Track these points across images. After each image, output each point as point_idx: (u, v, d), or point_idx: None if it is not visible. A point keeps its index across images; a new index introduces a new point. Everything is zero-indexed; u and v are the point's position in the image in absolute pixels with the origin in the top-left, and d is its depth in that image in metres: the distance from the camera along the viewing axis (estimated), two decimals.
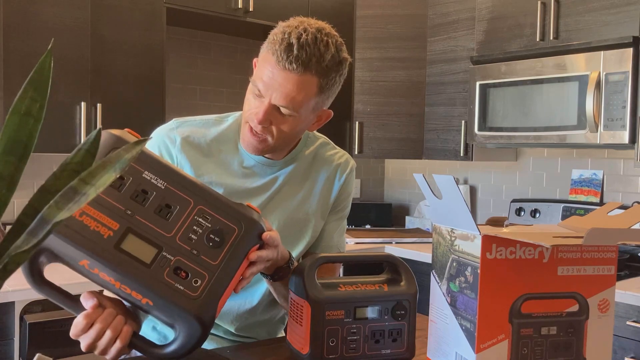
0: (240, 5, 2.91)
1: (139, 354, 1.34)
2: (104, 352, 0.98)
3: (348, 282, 1.11)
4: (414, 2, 3.41)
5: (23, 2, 2.37)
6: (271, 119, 1.19)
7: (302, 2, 3.18)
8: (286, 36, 1.16)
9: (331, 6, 3.31)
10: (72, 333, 0.99)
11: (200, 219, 0.94)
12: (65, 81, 2.44)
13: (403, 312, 1.11)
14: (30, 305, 2.14)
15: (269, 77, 1.17)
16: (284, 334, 1.41)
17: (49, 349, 2.14)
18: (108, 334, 0.96)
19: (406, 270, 1.14)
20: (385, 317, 1.10)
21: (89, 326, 0.96)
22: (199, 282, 0.91)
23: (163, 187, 0.94)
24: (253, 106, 1.21)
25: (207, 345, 1.29)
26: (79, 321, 0.97)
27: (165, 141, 1.28)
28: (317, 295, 1.06)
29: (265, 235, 1.02)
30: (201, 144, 1.29)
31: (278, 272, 1.17)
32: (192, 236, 0.93)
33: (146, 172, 0.94)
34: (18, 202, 2.53)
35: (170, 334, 1.33)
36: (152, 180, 0.93)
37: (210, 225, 0.94)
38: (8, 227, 0.80)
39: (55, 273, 1.00)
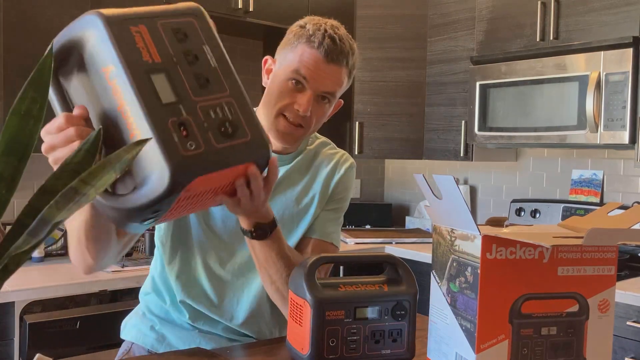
0: (240, 5, 2.91)
1: (138, 353, 1.34)
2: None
3: (348, 282, 1.11)
4: (414, 2, 3.41)
5: (23, 2, 2.37)
6: (311, 109, 1.27)
7: (302, 2, 3.18)
8: (325, 31, 1.26)
9: (331, 6, 3.30)
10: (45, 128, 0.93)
11: (225, 108, 0.93)
12: None
13: (403, 312, 1.11)
14: (30, 305, 2.14)
15: (315, 68, 1.24)
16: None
17: (48, 349, 2.14)
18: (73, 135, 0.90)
19: (406, 271, 1.14)
20: (386, 317, 1.09)
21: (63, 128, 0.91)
22: (194, 146, 0.87)
23: (212, 66, 0.95)
24: (289, 97, 1.26)
25: (207, 345, 1.29)
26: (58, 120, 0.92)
27: None
28: (317, 295, 1.05)
29: (273, 159, 1.02)
30: None
31: (258, 229, 1.16)
32: (211, 113, 0.91)
33: (206, 47, 0.95)
34: (18, 202, 2.53)
35: (168, 333, 1.33)
36: (207, 55, 0.95)
37: (230, 118, 0.93)
38: (8, 227, 0.80)
39: (55, 274, 1.00)
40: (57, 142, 0.91)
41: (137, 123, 0.85)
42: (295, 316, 1.10)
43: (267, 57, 1.34)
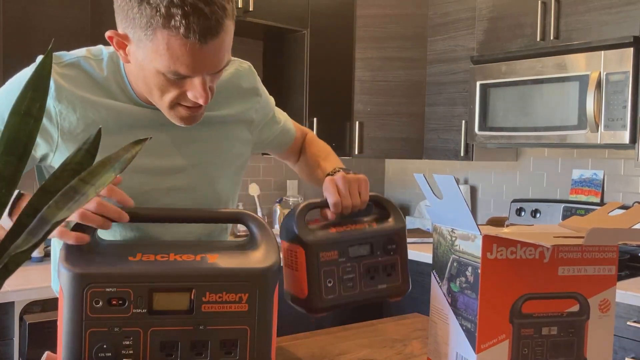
0: (240, 5, 2.91)
1: None
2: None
3: (338, 223, 1.13)
4: (414, 2, 3.41)
5: (23, 2, 2.37)
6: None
7: (302, 2, 3.18)
8: (183, 2, 0.94)
9: (331, 6, 3.30)
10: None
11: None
12: None
13: (394, 246, 1.13)
14: (30, 305, 2.14)
15: (193, 59, 0.98)
16: None
17: (48, 349, 2.14)
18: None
19: (393, 208, 1.17)
20: (378, 252, 1.12)
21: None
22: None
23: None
24: (175, 88, 1.04)
25: None
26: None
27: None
28: (309, 238, 1.07)
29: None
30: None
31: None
32: None
33: None
34: None
35: None
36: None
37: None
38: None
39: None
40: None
41: None
42: (291, 263, 1.11)
43: (111, 33, 1.03)
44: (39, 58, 1.10)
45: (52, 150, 1.11)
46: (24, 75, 1.13)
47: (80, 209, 0.90)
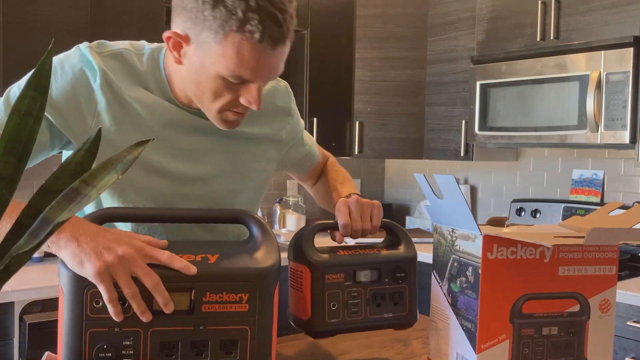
0: None
1: None
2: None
3: (347, 247, 1.11)
4: (414, 1, 3.41)
5: (22, 2, 2.37)
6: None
7: (302, 2, 3.18)
8: (259, 7, 0.96)
9: (331, 6, 3.30)
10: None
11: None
12: None
13: (403, 274, 1.10)
14: (30, 305, 2.14)
15: (260, 64, 1.00)
16: None
17: (48, 349, 2.14)
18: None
19: (405, 236, 1.14)
20: (386, 280, 1.09)
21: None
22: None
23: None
24: (230, 93, 1.05)
25: None
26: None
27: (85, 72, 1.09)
28: (315, 259, 1.05)
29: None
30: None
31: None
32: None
33: None
34: None
35: None
36: None
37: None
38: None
39: (55, 274, 1.00)
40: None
41: None
42: (296, 283, 1.09)
43: (169, 33, 1.03)
44: (83, 46, 1.11)
45: (80, 133, 1.08)
46: (61, 61, 1.12)
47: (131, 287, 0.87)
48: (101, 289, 0.85)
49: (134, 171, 1.11)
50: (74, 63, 1.10)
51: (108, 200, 1.14)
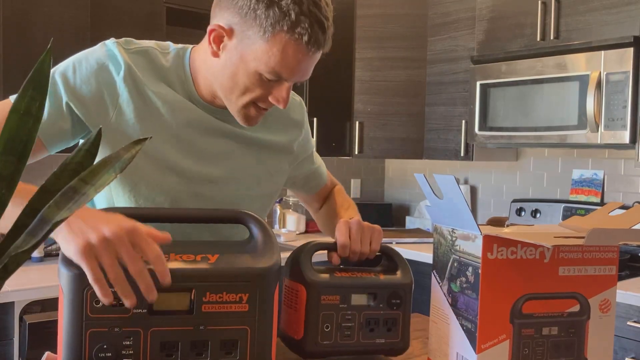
0: None
1: None
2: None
3: (344, 269, 1.11)
4: (414, 1, 3.41)
5: (23, 2, 2.37)
6: None
7: None
8: (310, 12, 1.03)
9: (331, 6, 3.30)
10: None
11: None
12: None
13: (398, 301, 1.10)
14: (30, 305, 2.14)
15: (298, 64, 1.06)
16: None
17: (48, 349, 2.14)
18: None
19: (402, 262, 1.14)
20: (381, 305, 1.08)
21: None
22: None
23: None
24: (262, 89, 1.09)
25: None
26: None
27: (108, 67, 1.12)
28: (313, 278, 1.04)
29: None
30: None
31: None
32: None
33: None
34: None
35: None
36: None
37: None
38: None
39: (55, 274, 1.00)
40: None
41: None
42: (290, 302, 1.08)
43: (213, 26, 1.09)
44: (110, 41, 1.14)
45: (99, 124, 1.09)
46: (86, 54, 1.15)
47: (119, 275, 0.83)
48: (83, 267, 0.82)
49: (148, 165, 1.13)
50: (99, 56, 1.13)
51: (119, 193, 1.15)
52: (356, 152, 3.46)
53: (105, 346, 0.87)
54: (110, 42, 1.14)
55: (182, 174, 1.16)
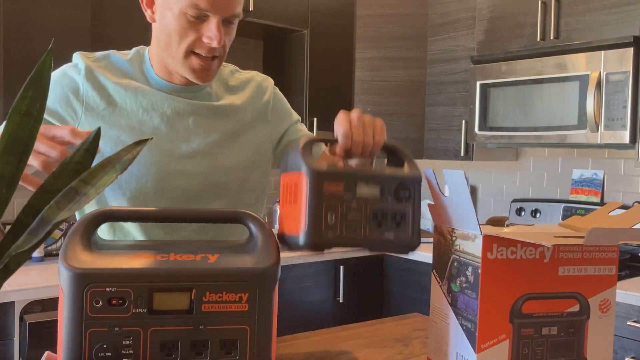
0: None
1: None
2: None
3: (347, 163, 1.06)
4: (414, 2, 3.41)
5: (23, 2, 2.37)
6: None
7: (302, 2, 3.18)
8: None
9: (331, 6, 3.30)
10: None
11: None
12: None
13: (407, 194, 1.00)
14: (30, 305, 2.14)
15: None
16: None
17: (48, 349, 2.14)
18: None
19: (409, 157, 1.06)
20: (389, 197, 0.99)
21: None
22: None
23: None
24: (193, 32, 1.15)
25: None
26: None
27: (70, 75, 1.22)
28: (314, 165, 0.95)
29: None
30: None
31: None
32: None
33: None
34: (18, 202, 2.53)
35: None
36: None
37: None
38: (8, 227, 0.80)
39: (55, 274, 1.00)
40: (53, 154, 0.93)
41: None
42: (289, 196, 1.00)
43: None
44: (75, 54, 1.25)
45: (75, 125, 1.19)
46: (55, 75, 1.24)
47: (40, 159, 0.92)
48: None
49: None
50: (62, 68, 1.24)
51: None
52: None
53: (105, 346, 0.87)
54: (75, 54, 1.25)
55: (163, 153, 1.20)
